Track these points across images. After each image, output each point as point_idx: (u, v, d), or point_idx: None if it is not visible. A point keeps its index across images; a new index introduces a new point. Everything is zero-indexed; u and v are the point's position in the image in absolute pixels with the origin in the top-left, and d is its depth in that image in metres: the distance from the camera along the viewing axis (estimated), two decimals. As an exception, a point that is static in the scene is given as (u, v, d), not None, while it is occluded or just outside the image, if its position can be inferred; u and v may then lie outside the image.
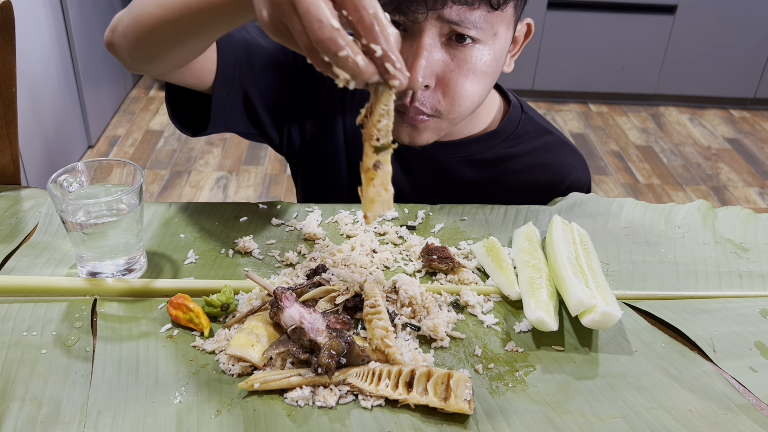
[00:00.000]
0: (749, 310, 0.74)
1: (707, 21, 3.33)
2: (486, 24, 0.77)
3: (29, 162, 2.17)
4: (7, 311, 0.68)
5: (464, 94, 0.81)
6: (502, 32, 0.81)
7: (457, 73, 0.80)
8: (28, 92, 2.21)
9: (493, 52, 0.81)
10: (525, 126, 1.00)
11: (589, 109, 3.56)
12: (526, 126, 1.00)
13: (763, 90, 3.54)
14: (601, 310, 0.64)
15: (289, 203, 0.90)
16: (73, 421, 0.56)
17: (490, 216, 0.90)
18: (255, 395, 0.59)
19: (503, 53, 0.84)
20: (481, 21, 0.77)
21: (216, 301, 0.67)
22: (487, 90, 0.85)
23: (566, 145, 1.02)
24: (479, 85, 0.82)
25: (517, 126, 0.99)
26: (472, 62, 0.80)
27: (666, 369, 0.65)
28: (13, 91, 0.93)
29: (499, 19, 0.79)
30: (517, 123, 1.00)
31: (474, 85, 0.82)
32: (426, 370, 0.60)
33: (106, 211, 0.69)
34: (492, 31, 0.79)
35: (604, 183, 2.86)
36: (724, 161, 3.10)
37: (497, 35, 0.80)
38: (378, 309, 0.64)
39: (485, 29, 0.78)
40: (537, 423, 0.58)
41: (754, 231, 0.89)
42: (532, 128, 1.00)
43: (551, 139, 1.01)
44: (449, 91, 0.81)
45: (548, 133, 1.02)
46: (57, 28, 2.48)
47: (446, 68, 0.79)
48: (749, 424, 0.59)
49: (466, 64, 0.79)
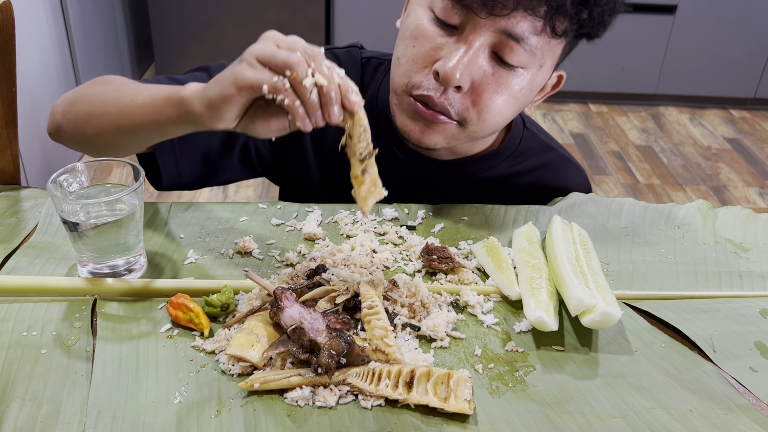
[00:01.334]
0: (749, 310, 0.74)
1: (707, 21, 3.33)
2: (538, 52, 0.77)
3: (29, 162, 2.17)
4: (7, 311, 0.68)
5: (494, 110, 0.80)
6: (547, 65, 0.80)
7: (494, 88, 0.78)
8: (28, 92, 2.21)
9: (532, 84, 0.80)
10: (527, 143, 0.98)
11: (589, 109, 3.56)
12: (528, 143, 0.98)
13: (763, 90, 3.54)
14: (601, 310, 0.64)
15: (289, 203, 0.90)
16: (73, 421, 0.56)
17: (490, 216, 0.90)
18: (255, 395, 0.59)
19: (537, 88, 0.83)
20: (536, 46, 0.76)
21: (216, 301, 0.67)
22: (512, 116, 0.84)
23: (569, 162, 1.01)
24: (509, 108, 0.82)
25: (519, 143, 0.98)
26: (511, 83, 0.79)
27: (666, 369, 0.65)
28: (13, 91, 0.93)
29: (551, 53, 0.79)
30: (519, 140, 0.98)
31: (505, 106, 0.81)
32: (426, 370, 0.60)
33: (106, 211, 0.69)
34: (540, 61, 0.78)
35: (604, 183, 2.86)
36: (724, 161, 3.10)
37: (543, 67, 0.80)
38: (376, 309, 0.64)
39: (536, 56, 0.77)
40: (537, 423, 0.58)
41: (754, 231, 0.89)
42: (535, 145, 0.99)
43: (554, 156, 1.00)
44: (480, 102, 0.79)
45: (551, 149, 1.00)
46: (57, 28, 2.48)
47: (485, 79, 0.78)
48: (749, 424, 0.59)
49: (505, 82, 0.78)
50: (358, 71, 0.97)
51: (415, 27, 0.80)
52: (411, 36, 0.80)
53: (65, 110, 0.84)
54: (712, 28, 3.35)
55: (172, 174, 0.90)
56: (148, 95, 0.73)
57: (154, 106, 0.72)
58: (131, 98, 0.75)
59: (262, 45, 0.64)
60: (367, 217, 0.72)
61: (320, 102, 0.61)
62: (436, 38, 0.78)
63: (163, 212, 0.86)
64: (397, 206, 0.90)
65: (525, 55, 0.76)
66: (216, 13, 3.18)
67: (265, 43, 0.64)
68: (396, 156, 0.95)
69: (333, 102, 0.61)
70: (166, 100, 0.71)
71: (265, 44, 0.64)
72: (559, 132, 3.26)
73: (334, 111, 0.61)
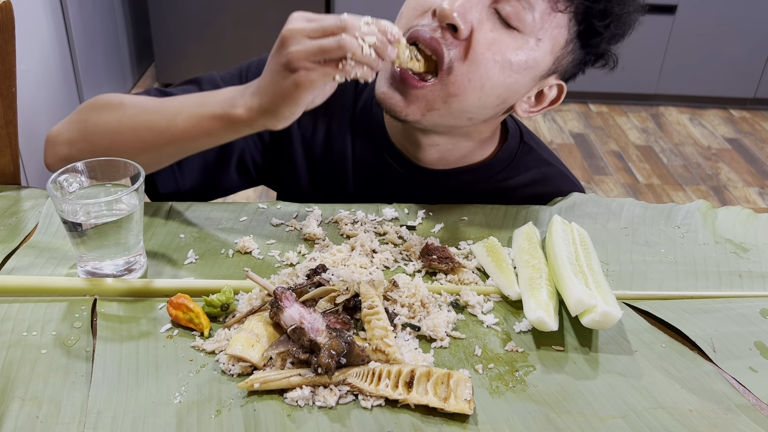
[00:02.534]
0: (749, 310, 0.74)
1: (707, 21, 3.33)
2: (538, 19, 0.76)
3: (29, 162, 2.17)
4: (7, 311, 0.68)
5: (483, 67, 0.77)
6: (544, 43, 0.78)
7: (488, 43, 0.76)
8: (28, 92, 2.21)
9: (527, 56, 0.78)
10: (523, 157, 0.95)
11: (589, 109, 3.56)
12: (524, 157, 0.95)
13: (763, 90, 3.54)
14: (601, 310, 0.64)
15: (289, 203, 0.90)
16: (73, 421, 0.56)
17: (490, 216, 0.90)
18: (255, 395, 0.59)
19: (533, 71, 0.80)
20: (538, 12, 0.75)
21: (216, 301, 0.67)
22: (497, 92, 0.80)
23: (566, 177, 0.98)
24: (498, 75, 0.78)
25: (515, 156, 0.95)
26: (507, 45, 0.76)
27: (666, 369, 0.65)
28: (13, 91, 0.93)
29: (551, 29, 0.77)
30: (515, 153, 0.95)
31: (494, 69, 0.77)
32: (426, 370, 0.60)
33: (106, 211, 0.69)
34: (538, 33, 0.77)
35: (604, 183, 2.86)
36: (724, 161, 3.10)
37: (540, 42, 0.77)
38: (376, 309, 0.64)
39: (535, 23, 0.76)
40: (537, 423, 0.58)
41: (754, 231, 0.89)
42: (531, 159, 0.96)
43: (550, 171, 0.97)
44: (471, 54, 0.76)
45: (547, 164, 0.97)
46: (57, 28, 2.48)
47: (481, 30, 0.76)
48: (749, 424, 0.59)
49: (499, 41, 0.76)
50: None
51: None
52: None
53: (73, 141, 0.82)
54: (712, 28, 3.35)
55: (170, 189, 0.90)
56: (189, 116, 0.75)
57: (201, 127, 0.75)
58: (168, 122, 0.76)
59: (300, 24, 0.67)
60: None
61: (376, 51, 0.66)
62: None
63: (163, 212, 0.86)
64: (397, 206, 0.90)
65: (524, 15, 0.75)
66: (216, 13, 3.18)
67: (298, 21, 0.67)
68: (391, 166, 0.95)
69: (386, 49, 0.67)
70: (214, 122, 0.74)
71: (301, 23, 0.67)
72: (559, 132, 3.26)
73: (390, 53, 0.68)
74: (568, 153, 3.08)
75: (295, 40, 0.66)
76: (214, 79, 0.93)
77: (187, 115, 0.75)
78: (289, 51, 0.66)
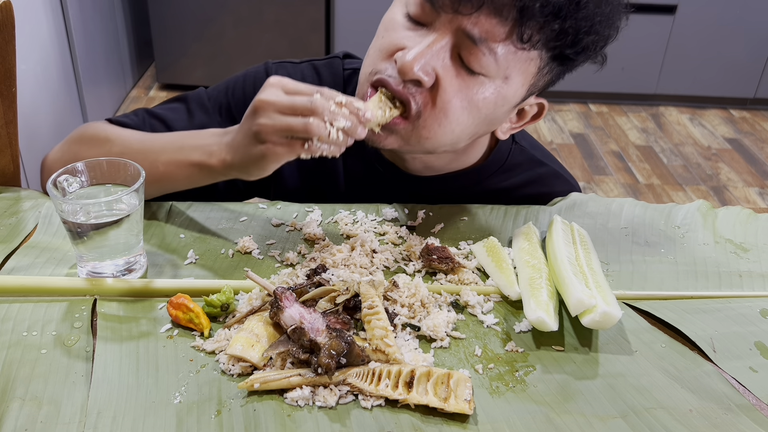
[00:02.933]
0: (749, 310, 0.74)
1: (707, 21, 3.33)
2: (503, 61, 0.72)
3: (29, 162, 2.17)
4: (7, 311, 0.68)
5: (451, 114, 0.76)
6: (513, 82, 0.75)
7: (454, 91, 0.74)
8: (28, 92, 2.21)
9: (496, 96, 0.76)
10: (516, 158, 0.94)
11: (589, 109, 3.56)
12: (516, 158, 0.95)
13: (763, 90, 3.54)
14: (601, 310, 0.64)
15: (289, 203, 0.90)
16: (73, 421, 0.56)
17: (490, 216, 0.90)
18: (255, 395, 0.59)
19: (506, 105, 0.78)
20: (501, 54, 0.72)
21: (216, 301, 0.67)
22: (471, 129, 0.79)
23: (560, 177, 0.97)
24: (468, 117, 0.77)
25: (506, 158, 0.94)
26: (472, 90, 0.75)
27: (666, 369, 0.65)
28: (13, 91, 0.93)
29: (517, 67, 0.74)
30: (507, 155, 0.94)
31: (463, 114, 0.76)
32: (426, 370, 0.60)
33: (106, 211, 0.69)
34: (505, 72, 0.74)
35: (604, 183, 2.86)
36: (724, 161, 3.10)
37: (508, 80, 0.75)
38: (376, 309, 0.64)
39: (500, 65, 0.73)
40: (537, 423, 0.58)
41: (754, 231, 0.89)
42: (524, 160, 0.95)
43: (544, 172, 0.96)
44: (438, 101, 0.75)
45: (541, 164, 0.96)
46: (57, 28, 2.48)
47: (447, 79, 0.74)
48: (749, 424, 0.59)
49: (466, 87, 0.74)
50: (340, 84, 0.95)
51: (388, 21, 0.78)
52: (383, 29, 0.79)
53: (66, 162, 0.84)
54: (712, 28, 3.35)
55: None
56: (169, 161, 0.79)
57: (180, 172, 0.78)
58: (150, 164, 0.78)
59: (273, 95, 0.68)
60: None
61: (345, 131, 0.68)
62: (404, 31, 0.76)
63: (163, 212, 0.86)
64: (397, 206, 0.90)
65: (487, 60, 0.72)
66: (216, 13, 3.18)
67: (272, 91, 0.68)
68: (380, 173, 0.94)
69: (356, 130, 0.68)
70: (192, 168, 0.77)
71: (274, 94, 0.68)
72: (559, 132, 3.26)
73: (360, 134, 0.69)
74: (568, 153, 3.08)
75: (265, 112, 0.67)
76: (200, 98, 0.95)
77: (166, 159, 0.79)
78: (258, 122, 0.68)
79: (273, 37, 3.22)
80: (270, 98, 0.67)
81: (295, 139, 0.67)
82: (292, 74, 0.94)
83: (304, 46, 3.23)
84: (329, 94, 0.67)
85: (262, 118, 0.67)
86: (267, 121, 0.67)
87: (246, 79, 0.95)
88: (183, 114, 0.94)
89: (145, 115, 0.93)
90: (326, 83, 0.95)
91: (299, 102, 0.66)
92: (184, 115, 0.94)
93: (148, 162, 0.78)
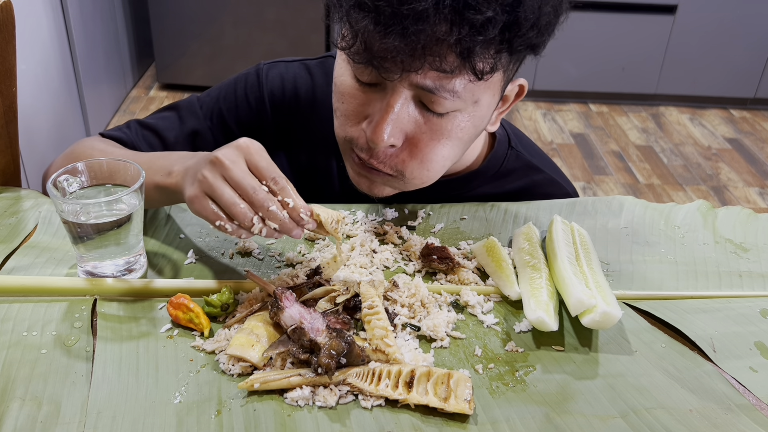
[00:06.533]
0: (749, 310, 0.74)
1: (707, 21, 3.33)
2: (466, 93, 0.70)
3: (29, 162, 2.17)
4: (7, 311, 0.68)
5: (434, 158, 0.75)
6: (485, 99, 0.73)
7: (429, 137, 0.73)
8: (28, 92, 2.21)
9: (473, 119, 0.74)
10: (511, 163, 0.93)
11: (589, 109, 3.56)
12: (512, 163, 0.93)
13: (763, 90, 3.54)
14: (601, 310, 0.64)
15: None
16: (73, 421, 0.56)
17: (490, 216, 0.90)
18: (255, 395, 0.59)
19: (485, 118, 0.77)
20: (461, 89, 0.69)
21: (216, 301, 0.67)
22: (460, 153, 0.79)
23: (555, 184, 0.96)
24: (452, 150, 0.76)
25: (502, 164, 0.93)
26: (447, 129, 0.73)
27: (666, 369, 0.65)
28: (13, 91, 0.93)
29: (483, 88, 0.71)
30: (503, 160, 0.93)
31: (446, 150, 0.75)
32: (426, 370, 0.60)
33: (106, 211, 0.69)
34: (472, 99, 0.72)
35: (604, 183, 2.86)
36: (724, 161, 3.10)
37: (479, 102, 0.73)
38: (376, 309, 0.64)
39: (465, 98, 0.70)
40: (537, 423, 0.58)
41: (754, 231, 0.89)
42: (519, 166, 0.94)
43: (540, 179, 0.95)
44: (417, 154, 0.74)
45: (537, 171, 0.95)
46: (57, 28, 2.48)
47: (418, 129, 0.73)
48: (749, 424, 0.59)
49: (439, 129, 0.73)
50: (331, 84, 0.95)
51: (340, 83, 0.76)
52: (338, 92, 0.77)
53: None
54: (712, 28, 3.35)
55: None
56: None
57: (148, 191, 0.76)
58: None
59: (232, 161, 0.65)
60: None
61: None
62: (360, 95, 0.74)
63: (163, 212, 0.86)
64: (397, 206, 0.90)
65: (450, 101, 0.70)
66: (216, 13, 3.18)
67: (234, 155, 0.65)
68: None
69: (290, 231, 0.66)
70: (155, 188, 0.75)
71: (235, 158, 0.65)
72: (559, 132, 3.26)
73: (296, 234, 0.66)
74: (568, 153, 3.08)
75: (214, 168, 0.64)
76: (191, 105, 0.95)
77: None
78: (203, 173, 0.65)
79: (273, 37, 3.22)
80: (226, 162, 0.64)
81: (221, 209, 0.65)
82: (285, 74, 0.95)
83: (304, 46, 3.23)
84: (283, 190, 0.64)
85: (208, 173, 0.64)
86: (209, 178, 0.64)
87: (237, 83, 0.95)
88: (175, 122, 0.94)
89: (137, 127, 0.93)
90: (318, 83, 0.95)
91: (244, 183, 0.63)
92: (176, 123, 0.94)
93: None
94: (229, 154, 0.65)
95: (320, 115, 0.94)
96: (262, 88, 0.94)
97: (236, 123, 0.95)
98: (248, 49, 3.25)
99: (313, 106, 0.95)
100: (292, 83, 0.95)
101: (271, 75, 0.95)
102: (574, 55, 3.45)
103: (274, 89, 0.95)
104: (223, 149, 0.66)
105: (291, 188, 0.65)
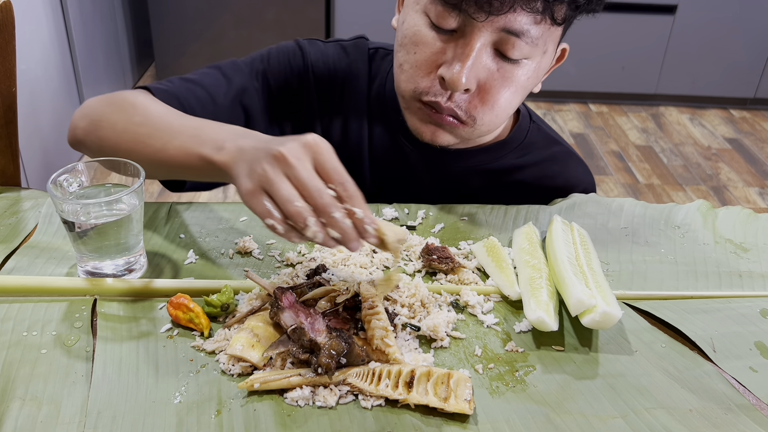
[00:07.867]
0: (749, 310, 0.74)
1: (707, 21, 3.33)
2: (541, 40, 0.77)
3: (29, 162, 2.17)
4: (7, 311, 0.68)
5: (503, 104, 0.81)
6: (550, 49, 0.81)
7: (500, 83, 0.79)
8: (28, 92, 2.21)
9: (537, 70, 0.81)
10: (533, 136, 0.99)
11: (589, 109, 3.56)
12: (534, 136, 0.99)
13: (763, 90, 3.54)
14: (601, 310, 0.64)
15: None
16: (73, 421, 0.56)
17: (490, 216, 0.90)
18: (255, 395, 0.59)
19: (543, 71, 0.84)
20: (538, 36, 0.76)
21: (216, 301, 0.67)
22: (520, 102, 0.85)
23: (574, 156, 1.01)
24: (517, 97, 0.82)
25: (525, 136, 0.98)
26: (517, 75, 0.79)
27: (666, 369, 0.65)
28: (13, 91, 0.93)
29: (552, 39, 0.79)
30: (526, 133, 0.99)
31: (513, 97, 0.82)
32: (426, 370, 0.60)
33: (106, 211, 0.69)
34: (543, 48, 0.79)
35: (604, 183, 2.86)
36: (724, 161, 3.10)
37: (546, 53, 0.80)
38: (376, 309, 0.64)
39: (539, 45, 0.78)
40: (537, 423, 0.58)
41: (754, 231, 0.89)
42: (541, 138, 0.99)
43: (559, 150, 1.00)
44: (488, 99, 0.80)
45: (556, 143, 1.01)
46: (57, 28, 2.48)
47: (491, 76, 0.79)
48: (749, 424, 0.59)
49: (511, 76, 0.79)
50: (365, 62, 0.98)
51: (413, 33, 0.80)
52: (411, 42, 0.81)
53: (87, 130, 0.81)
54: (712, 28, 3.35)
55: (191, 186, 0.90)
56: (180, 146, 0.71)
57: (188, 160, 0.70)
58: (162, 145, 0.72)
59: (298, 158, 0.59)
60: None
61: None
62: (435, 43, 0.79)
63: (163, 212, 0.86)
64: (397, 206, 0.90)
65: (527, 47, 0.77)
66: (216, 13, 3.18)
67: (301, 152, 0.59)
68: (403, 145, 0.96)
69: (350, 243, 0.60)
70: (198, 160, 0.68)
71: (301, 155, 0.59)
72: (559, 132, 3.25)
73: (354, 247, 0.60)
74: (568, 153, 3.09)
75: (278, 165, 0.59)
76: (235, 65, 0.95)
77: (179, 143, 0.71)
78: (264, 167, 0.59)
79: (273, 37, 3.22)
80: (291, 159, 0.58)
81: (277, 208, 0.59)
82: (323, 51, 0.97)
83: (304, 46, 3.22)
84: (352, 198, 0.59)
85: (269, 167, 0.59)
86: (270, 173, 0.59)
87: (280, 51, 0.97)
88: (220, 79, 0.92)
89: (180, 81, 0.89)
90: (353, 60, 0.98)
91: (309, 185, 0.58)
92: (222, 80, 0.91)
93: (162, 142, 0.73)
94: (295, 150, 0.59)
95: (357, 89, 0.97)
96: (306, 57, 0.96)
97: (278, 88, 0.95)
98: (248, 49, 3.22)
99: (350, 80, 0.97)
100: (331, 57, 0.98)
101: (312, 48, 0.97)
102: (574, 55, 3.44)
103: (316, 61, 0.97)
104: (288, 144, 0.59)
105: (361, 197, 0.60)
